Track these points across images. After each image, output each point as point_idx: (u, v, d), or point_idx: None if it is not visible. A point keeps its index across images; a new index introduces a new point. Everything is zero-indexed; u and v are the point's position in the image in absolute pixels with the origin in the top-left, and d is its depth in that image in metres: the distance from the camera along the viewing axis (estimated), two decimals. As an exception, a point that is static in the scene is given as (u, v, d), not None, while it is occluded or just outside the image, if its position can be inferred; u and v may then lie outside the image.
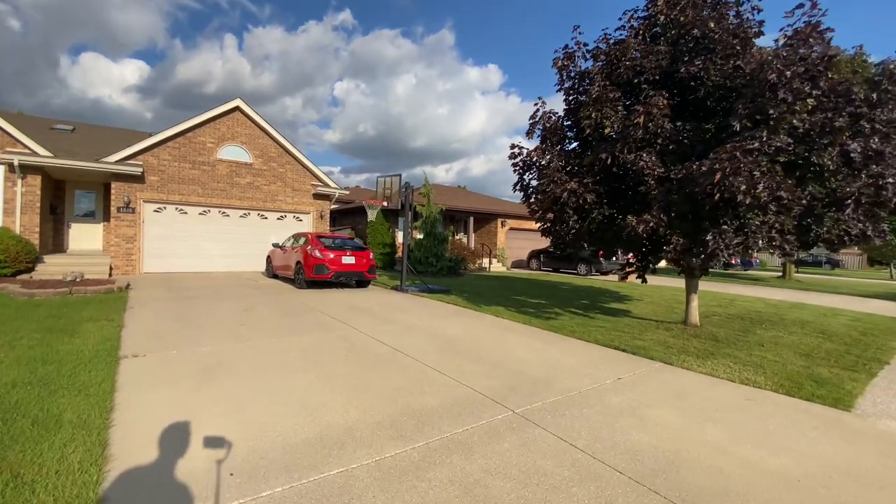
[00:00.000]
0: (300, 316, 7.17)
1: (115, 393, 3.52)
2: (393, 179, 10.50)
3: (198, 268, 13.44)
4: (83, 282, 8.92)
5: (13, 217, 10.68)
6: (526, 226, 23.30)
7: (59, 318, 6.02)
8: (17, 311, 6.38)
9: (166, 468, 2.48)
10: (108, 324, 5.85)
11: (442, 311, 8.26)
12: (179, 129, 12.95)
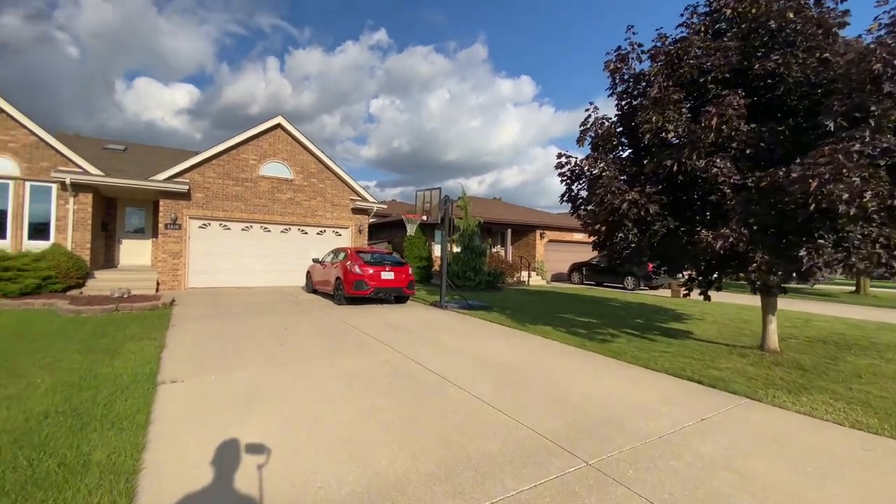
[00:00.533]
0: (340, 336, 6.88)
1: (150, 426, 3.27)
2: (433, 193, 10.21)
3: (240, 283, 13.59)
4: (130, 298, 9.06)
5: (65, 234, 11.13)
6: (566, 238, 22.49)
7: (102, 336, 6.00)
8: (62, 328, 6.43)
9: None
10: (149, 343, 5.75)
11: (486, 331, 7.77)
12: (223, 147, 13.26)
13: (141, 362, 4.86)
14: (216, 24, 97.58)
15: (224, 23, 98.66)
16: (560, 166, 8.33)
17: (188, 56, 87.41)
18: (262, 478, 2.65)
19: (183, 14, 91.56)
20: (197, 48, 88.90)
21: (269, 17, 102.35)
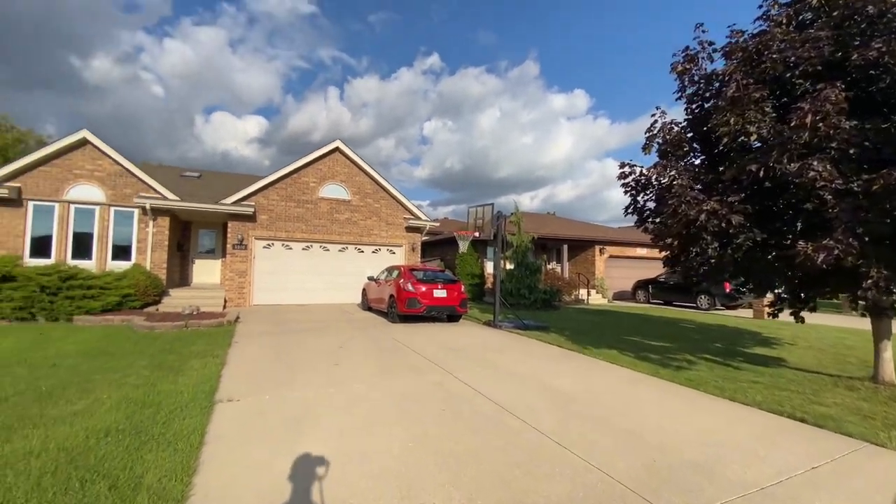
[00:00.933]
0: (393, 356, 6.73)
1: (203, 448, 3.23)
2: (485, 209, 9.98)
3: (300, 300, 14.05)
4: (198, 315, 9.56)
5: (145, 255, 12.09)
6: (628, 253, 21.27)
7: (170, 353, 6.27)
8: (135, 344, 6.82)
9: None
10: (211, 360, 5.92)
11: (544, 354, 7.29)
12: (286, 171, 13.96)
13: (202, 380, 4.96)
14: (283, 59, 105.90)
15: (290, 58, 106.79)
16: (623, 176, 7.81)
17: (258, 90, 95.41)
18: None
19: (254, 53, 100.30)
20: (266, 83, 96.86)
21: (330, 49, 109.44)
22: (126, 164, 12.06)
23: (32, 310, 9.21)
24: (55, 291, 9.44)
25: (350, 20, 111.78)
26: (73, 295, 9.63)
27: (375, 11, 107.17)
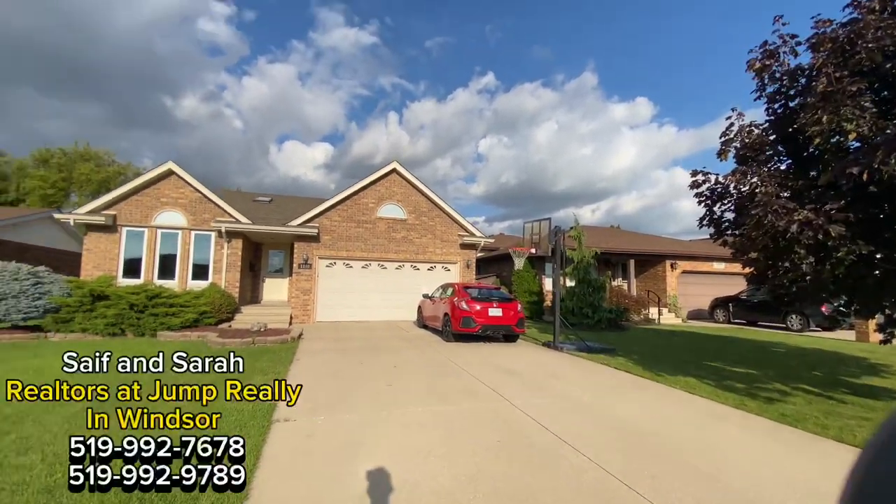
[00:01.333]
0: (447, 377, 6.56)
1: (257, 471, 3.25)
2: (541, 224, 9.64)
3: (360, 317, 14.39)
4: (265, 331, 10.05)
5: (220, 274, 13.02)
6: (704, 268, 19.63)
7: (237, 369, 6.57)
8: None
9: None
10: (273, 377, 6.10)
11: (610, 380, 6.76)
12: (346, 193, 14.54)
13: (262, 397, 5.10)
14: (346, 89, 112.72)
15: (353, 87, 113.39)
16: (696, 185, 7.22)
17: (325, 119, 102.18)
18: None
19: (321, 84, 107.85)
20: (331, 111, 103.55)
21: (390, 77, 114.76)
22: (205, 191, 13.18)
23: (122, 325, 10.19)
24: (142, 309, 10.39)
25: (408, 47, 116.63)
26: (157, 312, 10.54)
27: (432, 37, 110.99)
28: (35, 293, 10.03)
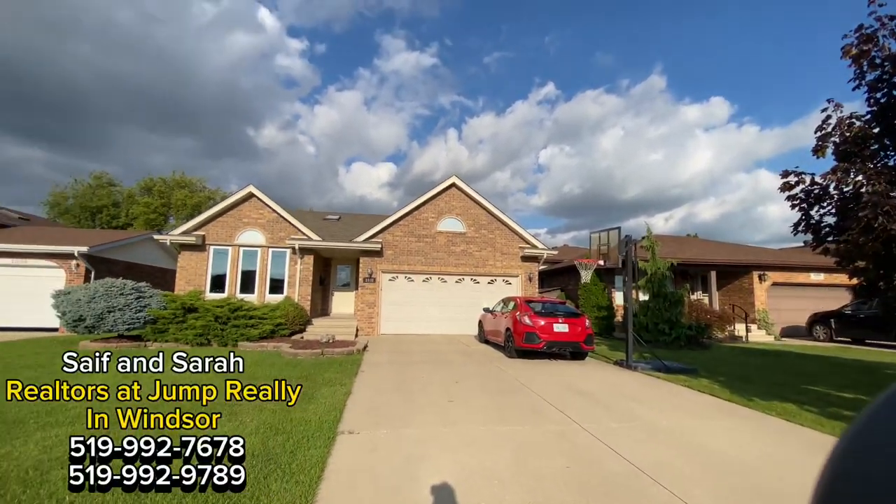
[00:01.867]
0: (510, 395, 6.32)
1: (321, 483, 3.26)
2: (610, 234, 9.10)
3: (420, 330, 14.50)
4: (333, 343, 10.41)
5: (294, 288, 13.79)
6: (798, 279, 17.52)
7: (306, 379, 6.82)
8: (280, 370, 7.59)
9: None
10: (339, 389, 6.25)
11: (694, 404, 6.11)
12: (408, 209, 14.87)
13: (328, 409, 5.21)
14: (408, 110, 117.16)
15: (414, 108, 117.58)
16: (788, 187, 6.49)
17: (388, 140, 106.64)
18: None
19: (384, 108, 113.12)
20: (394, 132, 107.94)
21: (449, 95, 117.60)
22: (281, 211, 14.13)
23: (208, 336, 11.07)
24: (225, 321, 11.24)
25: (466, 65, 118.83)
26: (238, 324, 11.34)
27: (490, 53, 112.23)
28: (137, 306, 11.25)
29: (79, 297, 10.84)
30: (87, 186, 40.36)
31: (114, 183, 42.08)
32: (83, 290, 11.05)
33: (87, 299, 10.81)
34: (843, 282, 17.82)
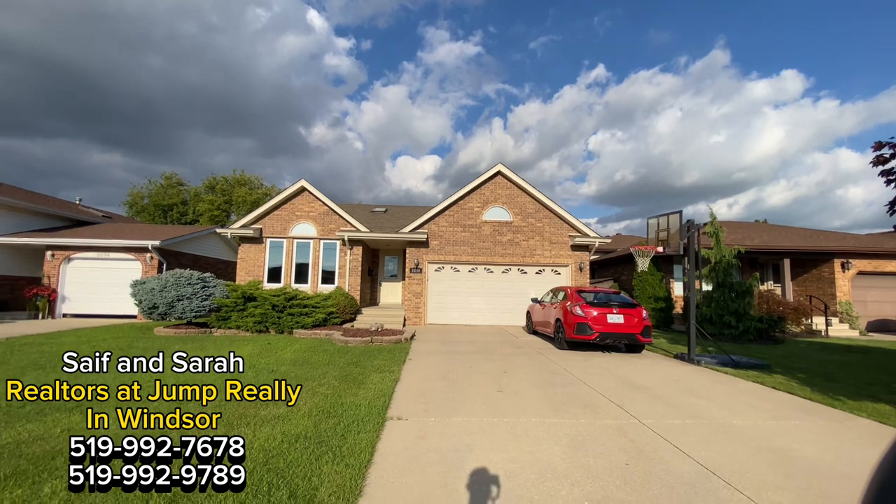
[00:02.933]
0: (562, 388, 6.08)
1: (370, 468, 3.26)
2: (670, 219, 8.49)
3: (467, 321, 14.44)
4: (382, 332, 10.58)
5: (344, 279, 14.15)
6: (889, 268, 15.66)
7: (356, 365, 6.95)
8: (332, 356, 7.80)
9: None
10: (388, 376, 6.30)
11: (767, 402, 5.57)
12: (452, 199, 14.77)
13: (378, 394, 5.26)
14: (453, 101, 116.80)
15: (458, 99, 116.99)
16: (882, 161, 5.77)
17: (433, 132, 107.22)
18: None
19: (429, 100, 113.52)
20: (439, 125, 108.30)
21: (493, 83, 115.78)
22: (331, 204, 14.53)
23: (266, 324, 11.62)
24: (281, 309, 11.74)
25: (511, 52, 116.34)
26: (294, 312, 11.81)
27: (536, 38, 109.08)
28: (203, 295, 12.01)
29: (152, 287, 11.74)
30: (160, 186, 43.78)
31: (182, 183, 45.36)
32: (156, 280, 11.95)
33: (160, 288, 11.68)
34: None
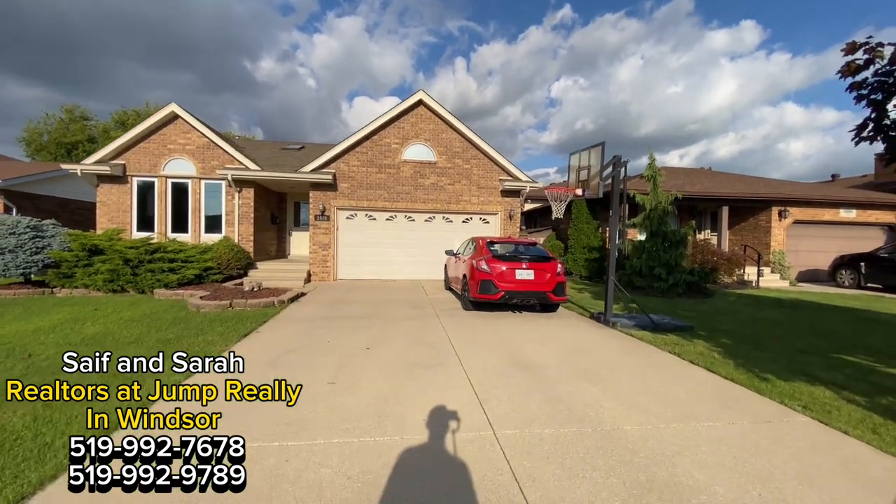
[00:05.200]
0: (423, 372, 4.56)
1: None
2: (591, 153, 6.88)
3: (385, 275, 12.79)
4: (257, 292, 8.70)
5: (233, 227, 11.92)
6: (825, 216, 15.26)
7: (169, 343, 5.13)
8: (162, 327, 5.93)
9: None
10: (204, 355, 4.54)
11: (680, 386, 4.29)
12: (365, 132, 12.50)
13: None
14: (413, 37, 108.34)
15: (419, 35, 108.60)
16: (853, 70, 4.28)
17: (392, 71, 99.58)
18: None
19: (388, 35, 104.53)
20: (398, 62, 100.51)
21: (457, 19, 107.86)
22: (212, 135, 11.91)
23: (120, 282, 9.41)
24: (136, 265, 9.51)
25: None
26: (154, 268, 9.62)
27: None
28: (33, 247, 9.51)
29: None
30: (60, 122, 37.86)
31: (88, 117, 39.45)
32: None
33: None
34: (880, 219, 15.50)
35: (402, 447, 2.89)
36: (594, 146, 6.81)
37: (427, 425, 3.24)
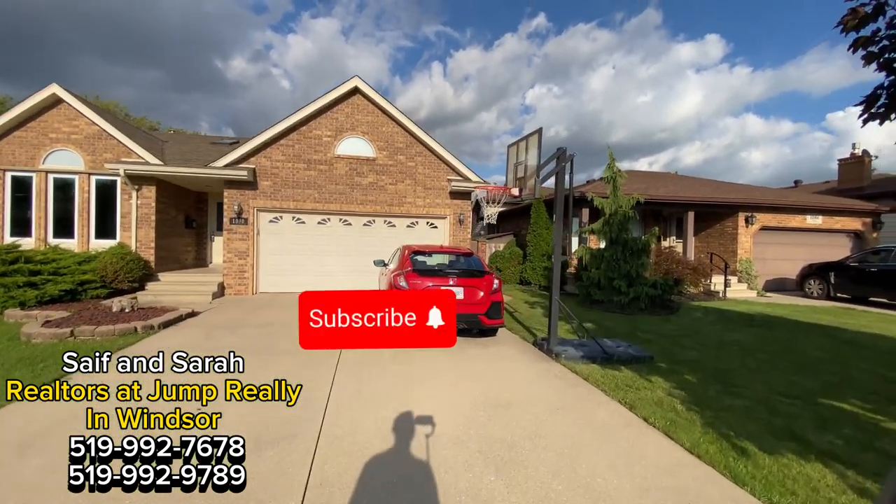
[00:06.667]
0: (253, 456, 3.06)
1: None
2: (529, 141, 5.55)
3: (318, 286, 11.12)
4: (127, 314, 6.98)
5: (130, 232, 10.08)
6: (793, 222, 14.55)
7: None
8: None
9: None
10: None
11: (627, 468, 2.93)
12: (291, 122, 10.87)
13: None
14: (389, 41, 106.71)
15: (396, 39, 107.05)
16: (859, 23, 3.10)
17: (368, 74, 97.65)
18: None
19: (364, 38, 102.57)
20: (375, 66, 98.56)
21: (433, 24, 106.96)
22: (103, 123, 10.06)
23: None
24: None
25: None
26: (7, 283, 7.75)
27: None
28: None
29: None
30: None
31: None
32: None
33: None
34: (847, 226, 14.91)
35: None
36: (531, 134, 5.45)
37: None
